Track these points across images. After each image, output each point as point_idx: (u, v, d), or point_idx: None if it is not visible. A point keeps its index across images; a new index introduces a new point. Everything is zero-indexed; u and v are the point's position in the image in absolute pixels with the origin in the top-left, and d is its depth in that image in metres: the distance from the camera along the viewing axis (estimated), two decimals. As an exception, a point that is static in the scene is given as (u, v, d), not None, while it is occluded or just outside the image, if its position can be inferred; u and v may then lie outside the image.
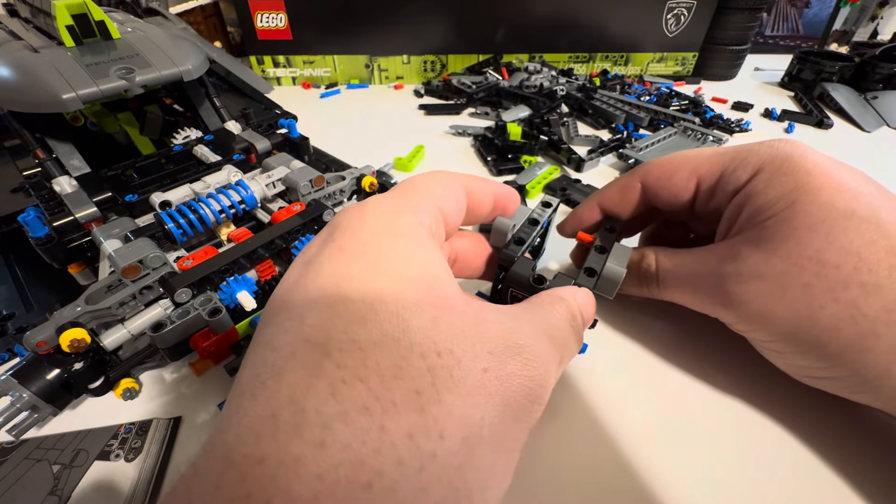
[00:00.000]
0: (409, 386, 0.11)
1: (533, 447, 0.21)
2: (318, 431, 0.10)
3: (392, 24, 0.65)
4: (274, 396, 0.10)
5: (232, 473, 0.10)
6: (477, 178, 0.19)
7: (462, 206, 0.18)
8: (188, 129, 0.35)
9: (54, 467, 0.20)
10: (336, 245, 0.13)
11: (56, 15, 0.28)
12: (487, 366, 0.12)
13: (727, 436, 0.22)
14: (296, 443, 0.10)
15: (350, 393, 0.10)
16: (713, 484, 0.20)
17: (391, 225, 0.14)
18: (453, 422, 0.11)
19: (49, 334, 0.20)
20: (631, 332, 0.27)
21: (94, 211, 0.26)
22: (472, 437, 0.11)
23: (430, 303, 0.13)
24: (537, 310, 0.16)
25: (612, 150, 0.47)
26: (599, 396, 0.23)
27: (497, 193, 0.20)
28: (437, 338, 0.12)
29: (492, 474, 0.12)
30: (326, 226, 0.15)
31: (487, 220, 0.21)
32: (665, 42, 0.68)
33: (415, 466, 0.10)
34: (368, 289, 0.12)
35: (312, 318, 0.12)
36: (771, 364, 0.22)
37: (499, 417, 0.12)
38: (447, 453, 0.10)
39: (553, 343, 0.15)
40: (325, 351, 0.11)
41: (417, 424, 0.10)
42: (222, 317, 0.22)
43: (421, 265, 0.13)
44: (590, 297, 0.18)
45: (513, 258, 0.20)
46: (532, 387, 0.13)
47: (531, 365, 0.13)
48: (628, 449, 0.21)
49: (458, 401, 0.11)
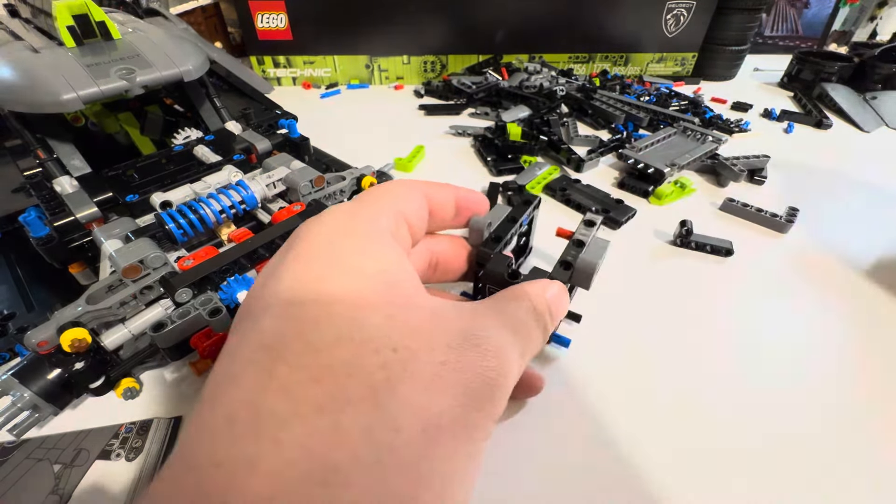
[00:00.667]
0: (363, 382, 0.11)
1: (525, 440, 0.21)
2: (274, 431, 0.10)
3: (392, 25, 0.65)
4: (231, 401, 0.11)
5: (191, 477, 0.10)
6: (436, 184, 0.19)
7: (423, 212, 0.18)
8: (189, 129, 0.35)
9: (55, 467, 0.20)
10: (293, 253, 0.14)
11: (57, 15, 0.28)
12: (445, 358, 0.12)
13: (719, 428, 0.22)
14: (252, 443, 0.10)
15: (305, 393, 0.11)
16: (707, 477, 0.20)
17: (347, 229, 0.14)
18: (410, 414, 0.11)
19: (50, 334, 0.20)
20: (617, 325, 0.27)
21: (95, 211, 0.27)
22: (431, 428, 0.11)
23: (387, 300, 0.13)
24: (500, 304, 0.16)
25: (611, 150, 0.47)
26: (586, 387, 0.24)
27: (458, 197, 0.19)
28: (392, 334, 0.12)
29: (454, 464, 0.12)
30: (290, 236, 0.15)
31: (455, 224, 0.20)
32: (665, 42, 0.69)
33: (371, 459, 0.10)
34: (324, 290, 0.12)
35: (269, 324, 0.12)
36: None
37: (459, 408, 0.12)
38: (405, 445, 0.11)
39: (514, 335, 0.15)
40: (279, 354, 0.11)
41: (373, 419, 0.11)
42: (223, 316, 0.22)
43: (378, 263, 0.14)
44: (561, 291, 0.18)
45: (489, 255, 0.20)
46: (492, 377, 0.13)
47: (490, 356, 0.13)
48: (616, 438, 0.21)
49: (414, 393, 0.11)
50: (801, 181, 0.44)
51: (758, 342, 0.27)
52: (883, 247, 0.35)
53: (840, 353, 0.26)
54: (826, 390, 0.24)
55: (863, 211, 0.40)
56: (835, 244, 0.35)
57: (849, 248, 0.35)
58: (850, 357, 0.26)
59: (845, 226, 0.37)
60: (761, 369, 0.25)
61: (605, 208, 0.37)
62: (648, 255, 0.34)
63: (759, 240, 0.36)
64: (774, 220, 0.36)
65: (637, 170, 0.42)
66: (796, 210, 0.36)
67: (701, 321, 0.28)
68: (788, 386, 0.24)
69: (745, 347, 0.26)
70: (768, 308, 0.29)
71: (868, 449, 0.21)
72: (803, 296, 0.30)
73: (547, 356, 0.25)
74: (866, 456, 0.21)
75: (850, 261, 0.33)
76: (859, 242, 0.35)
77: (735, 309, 0.29)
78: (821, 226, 0.37)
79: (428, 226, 0.18)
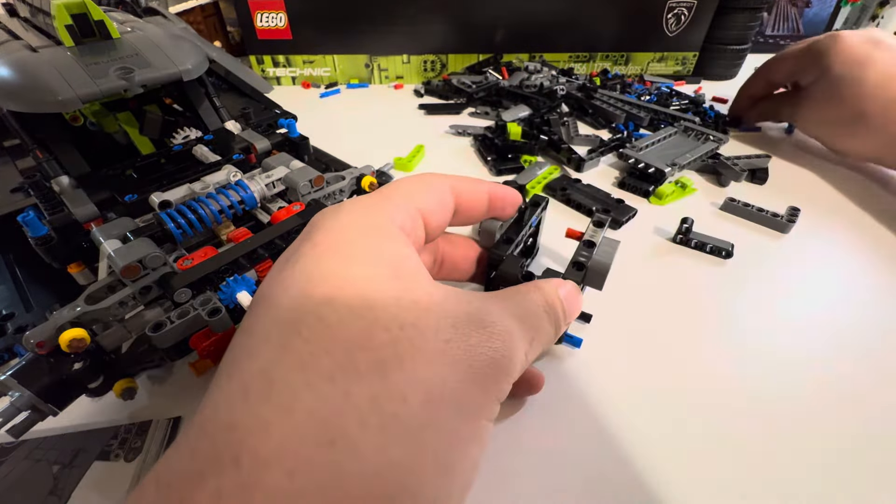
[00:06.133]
0: (372, 356, 0.12)
1: (534, 434, 0.21)
2: (286, 398, 0.11)
3: (392, 24, 0.65)
4: (246, 371, 0.12)
5: (206, 440, 0.11)
6: (469, 179, 0.19)
7: (447, 207, 0.18)
8: (188, 128, 0.35)
9: (54, 467, 0.20)
10: (311, 242, 0.14)
11: (55, 14, 0.28)
12: (450, 337, 0.13)
13: (726, 430, 0.22)
14: (264, 409, 0.11)
15: (317, 364, 0.11)
16: (708, 478, 0.20)
17: (363, 223, 0.15)
18: (415, 386, 0.12)
19: (49, 334, 0.20)
20: (620, 325, 0.27)
21: (94, 211, 0.26)
22: (434, 401, 0.12)
23: (397, 285, 0.13)
24: (512, 295, 0.16)
25: (612, 149, 0.47)
26: (596, 389, 0.23)
27: (493, 193, 0.20)
28: (400, 313, 0.13)
29: (456, 438, 0.12)
30: (307, 225, 0.16)
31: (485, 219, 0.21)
32: (665, 42, 0.68)
33: (377, 426, 0.11)
34: (338, 276, 0.13)
35: (284, 303, 0.13)
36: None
37: (462, 384, 0.12)
38: (409, 414, 0.11)
39: (523, 324, 0.15)
40: (294, 329, 0.12)
41: (380, 389, 0.11)
42: (222, 317, 0.22)
43: (389, 255, 0.14)
44: (574, 290, 0.18)
45: (501, 257, 0.20)
46: (496, 357, 0.13)
47: (495, 338, 0.14)
48: (622, 440, 0.21)
49: (419, 367, 0.12)
50: (802, 181, 0.44)
51: (760, 342, 0.27)
52: (888, 245, 0.35)
53: (857, 353, 0.26)
54: (841, 390, 0.24)
55: (863, 210, 0.40)
56: (836, 244, 0.35)
57: (850, 247, 0.35)
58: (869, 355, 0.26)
59: (846, 225, 0.37)
60: (768, 370, 0.25)
61: (605, 208, 0.37)
62: (650, 254, 0.34)
63: (760, 240, 0.35)
64: (776, 219, 0.36)
65: (638, 169, 0.42)
66: (797, 210, 0.36)
67: (703, 321, 0.28)
68: (796, 386, 0.24)
69: (751, 347, 0.26)
70: (769, 308, 0.29)
71: (867, 449, 0.21)
72: (804, 296, 0.30)
73: (557, 356, 0.25)
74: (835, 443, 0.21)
75: (850, 260, 0.33)
76: (860, 242, 0.35)
77: (736, 309, 0.29)
78: (822, 226, 0.37)
79: (458, 219, 0.19)
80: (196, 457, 0.10)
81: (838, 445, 0.21)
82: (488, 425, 0.13)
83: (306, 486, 0.10)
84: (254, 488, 0.10)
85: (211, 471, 0.10)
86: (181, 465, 0.10)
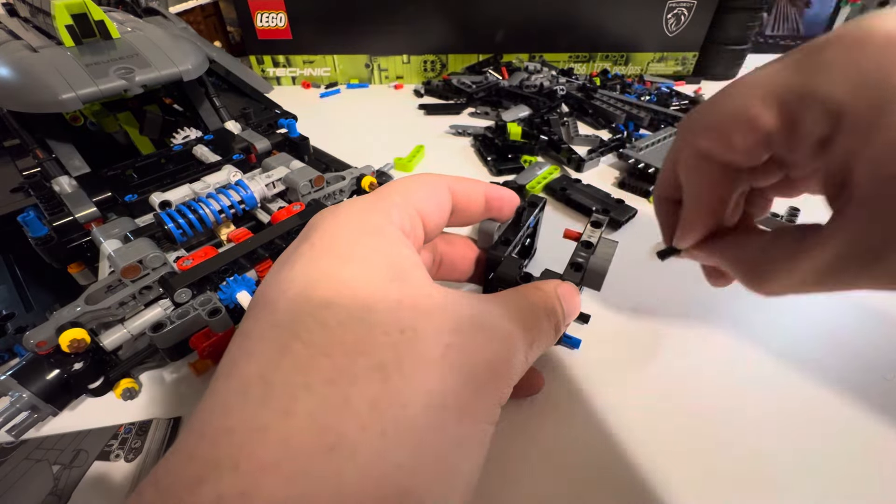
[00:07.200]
0: (372, 360, 0.11)
1: (534, 436, 0.21)
2: (285, 402, 0.11)
3: (392, 24, 0.65)
4: (244, 374, 0.11)
5: (204, 444, 0.10)
6: (466, 180, 0.19)
7: (445, 207, 0.18)
8: (188, 128, 0.35)
9: (54, 467, 0.20)
10: (310, 243, 0.14)
11: (55, 15, 0.28)
12: (450, 341, 0.13)
13: (722, 427, 0.22)
14: (263, 412, 0.10)
15: (316, 367, 0.11)
16: (707, 476, 0.20)
17: (361, 224, 0.15)
18: (415, 391, 0.11)
19: (49, 334, 0.20)
20: (627, 325, 0.27)
21: (94, 211, 0.26)
22: (435, 405, 0.12)
23: (397, 288, 0.13)
24: (511, 296, 0.16)
25: (612, 149, 0.47)
26: (595, 389, 0.23)
27: (490, 194, 0.20)
28: (400, 317, 0.12)
29: (457, 443, 0.12)
30: (305, 226, 0.16)
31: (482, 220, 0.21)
32: (665, 42, 0.68)
33: (377, 431, 0.11)
34: (337, 277, 0.13)
35: (282, 305, 0.13)
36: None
37: (463, 388, 0.12)
38: (409, 419, 0.11)
39: (523, 326, 0.15)
40: (293, 332, 0.12)
41: (380, 394, 0.11)
42: (222, 317, 0.22)
43: (387, 257, 0.14)
44: (573, 290, 0.18)
45: (500, 258, 0.20)
46: (497, 361, 0.13)
47: (496, 341, 0.14)
48: (621, 440, 0.21)
49: (419, 372, 0.12)
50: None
51: (760, 342, 0.27)
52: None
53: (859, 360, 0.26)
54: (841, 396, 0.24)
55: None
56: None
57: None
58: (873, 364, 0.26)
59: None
60: (768, 369, 0.25)
61: (605, 208, 0.37)
62: (649, 254, 0.34)
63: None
64: (776, 219, 0.36)
65: (638, 169, 0.42)
66: (797, 210, 0.36)
67: (703, 321, 0.28)
68: (796, 385, 0.24)
69: (751, 347, 0.26)
70: (769, 308, 0.29)
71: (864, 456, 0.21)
72: (803, 295, 0.30)
73: (556, 357, 0.25)
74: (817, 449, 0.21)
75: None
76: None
77: (736, 309, 0.29)
78: (822, 226, 0.37)
79: (455, 220, 0.19)
80: (194, 461, 0.10)
81: (838, 445, 0.21)
82: (490, 429, 0.13)
83: (306, 492, 0.10)
84: (253, 495, 0.10)
85: (210, 476, 0.10)
86: (179, 469, 0.10)
